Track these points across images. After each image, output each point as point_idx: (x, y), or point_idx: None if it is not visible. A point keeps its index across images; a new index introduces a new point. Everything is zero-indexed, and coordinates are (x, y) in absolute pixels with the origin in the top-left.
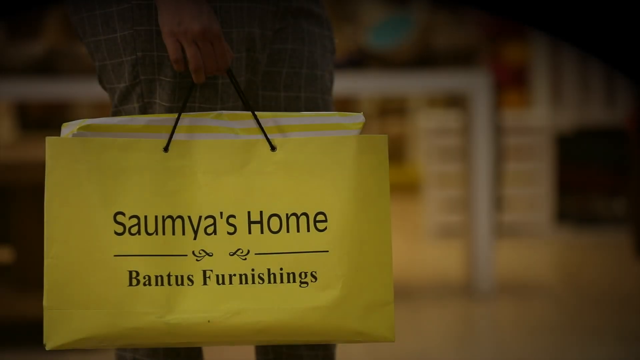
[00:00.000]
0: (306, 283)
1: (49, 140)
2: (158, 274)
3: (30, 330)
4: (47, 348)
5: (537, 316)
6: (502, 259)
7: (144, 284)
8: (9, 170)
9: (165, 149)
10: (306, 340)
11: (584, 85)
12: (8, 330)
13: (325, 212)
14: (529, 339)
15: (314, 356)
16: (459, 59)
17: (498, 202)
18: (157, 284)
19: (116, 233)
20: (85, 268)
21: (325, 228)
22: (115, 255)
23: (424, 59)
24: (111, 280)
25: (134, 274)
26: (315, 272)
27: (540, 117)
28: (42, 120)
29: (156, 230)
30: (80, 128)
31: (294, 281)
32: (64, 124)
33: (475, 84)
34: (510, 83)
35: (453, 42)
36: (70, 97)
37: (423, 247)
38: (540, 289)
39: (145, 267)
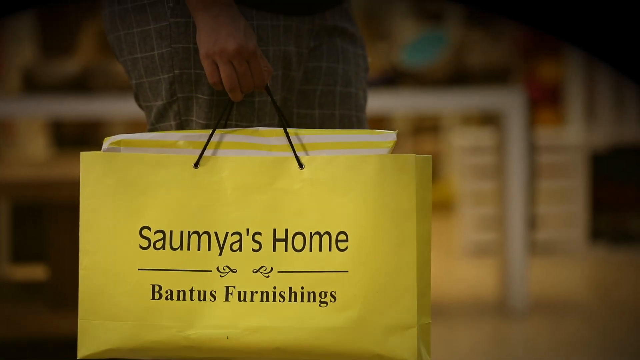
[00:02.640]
0: (325, 303)
1: (83, 155)
2: (180, 289)
3: (65, 347)
4: (77, 357)
5: (572, 334)
6: (536, 277)
7: (166, 298)
8: (45, 188)
9: (196, 165)
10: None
11: (618, 102)
12: (44, 346)
13: (346, 231)
14: (564, 357)
15: None
16: (493, 77)
17: (532, 220)
18: (179, 299)
19: (141, 247)
20: (112, 280)
21: (346, 248)
22: (139, 269)
23: (457, 77)
24: (135, 293)
25: (156, 288)
26: (335, 292)
27: (575, 134)
28: (77, 138)
29: (181, 246)
30: (112, 143)
31: (314, 300)
32: (106, 138)
33: (509, 101)
34: (545, 101)
35: (487, 60)
36: (105, 115)
37: (457, 265)
38: (575, 307)
39: (168, 282)
